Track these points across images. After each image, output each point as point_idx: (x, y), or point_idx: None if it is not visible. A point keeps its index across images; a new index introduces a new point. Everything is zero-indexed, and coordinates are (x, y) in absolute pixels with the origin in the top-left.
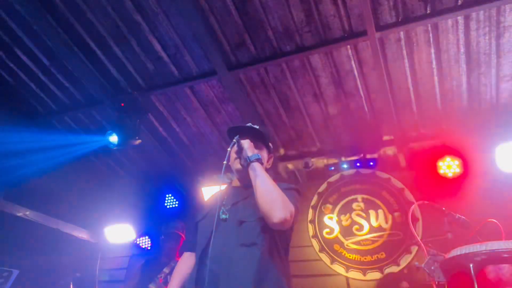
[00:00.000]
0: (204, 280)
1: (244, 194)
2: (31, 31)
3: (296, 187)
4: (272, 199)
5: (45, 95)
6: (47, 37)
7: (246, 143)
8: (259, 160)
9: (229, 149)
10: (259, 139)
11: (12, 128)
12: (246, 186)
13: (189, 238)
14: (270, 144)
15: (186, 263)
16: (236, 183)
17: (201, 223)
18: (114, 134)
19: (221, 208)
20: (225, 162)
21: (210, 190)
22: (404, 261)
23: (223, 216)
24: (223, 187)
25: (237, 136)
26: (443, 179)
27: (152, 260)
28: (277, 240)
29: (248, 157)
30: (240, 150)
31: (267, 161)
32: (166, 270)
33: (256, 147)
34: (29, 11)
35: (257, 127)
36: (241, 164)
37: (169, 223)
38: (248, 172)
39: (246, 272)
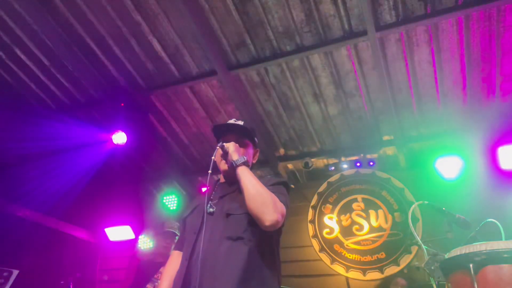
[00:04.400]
0: (191, 275)
1: (231, 189)
2: (31, 31)
3: (284, 180)
4: (262, 203)
5: (45, 95)
6: (47, 37)
7: (231, 147)
8: (245, 163)
9: (213, 157)
10: (244, 135)
11: (12, 129)
12: (232, 183)
13: (179, 236)
14: (255, 139)
15: (175, 262)
16: (222, 179)
17: (189, 219)
18: (119, 133)
19: (208, 202)
20: (210, 171)
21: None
22: (404, 261)
23: (210, 210)
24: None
25: (221, 142)
26: (443, 179)
27: (148, 260)
28: (266, 234)
29: (234, 161)
30: (225, 154)
31: (253, 157)
32: (162, 270)
33: (241, 145)
34: (29, 11)
35: (241, 123)
36: (227, 166)
37: (165, 223)
38: (235, 173)
39: (231, 266)
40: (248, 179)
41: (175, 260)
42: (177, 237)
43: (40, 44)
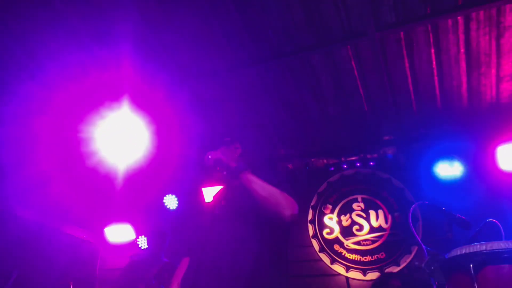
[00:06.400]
0: (200, 278)
1: (236, 191)
2: None
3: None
4: (276, 202)
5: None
6: None
7: (223, 157)
8: (245, 168)
9: (210, 164)
10: (230, 142)
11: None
12: (236, 186)
13: (186, 240)
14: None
15: (184, 265)
16: (227, 182)
17: (197, 222)
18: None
19: (216, 206)
20: (213, 172)
21: (210, 190)
22: (404, 261)
23: (218, 213)
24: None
25: (212, 153)
26: (443, 179)
27: (140, 261)
28: (274, 235)
29: (233, 168)
30: (221, 163)
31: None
32: (153, 270)
33: (231, 150)
34: None
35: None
36: (226, 173)
37: (155, 224)
38: (236, 177)
39: (239, 268)
40: (255, 183)
41: (185, 264)
42: (166, 239)
43: None
